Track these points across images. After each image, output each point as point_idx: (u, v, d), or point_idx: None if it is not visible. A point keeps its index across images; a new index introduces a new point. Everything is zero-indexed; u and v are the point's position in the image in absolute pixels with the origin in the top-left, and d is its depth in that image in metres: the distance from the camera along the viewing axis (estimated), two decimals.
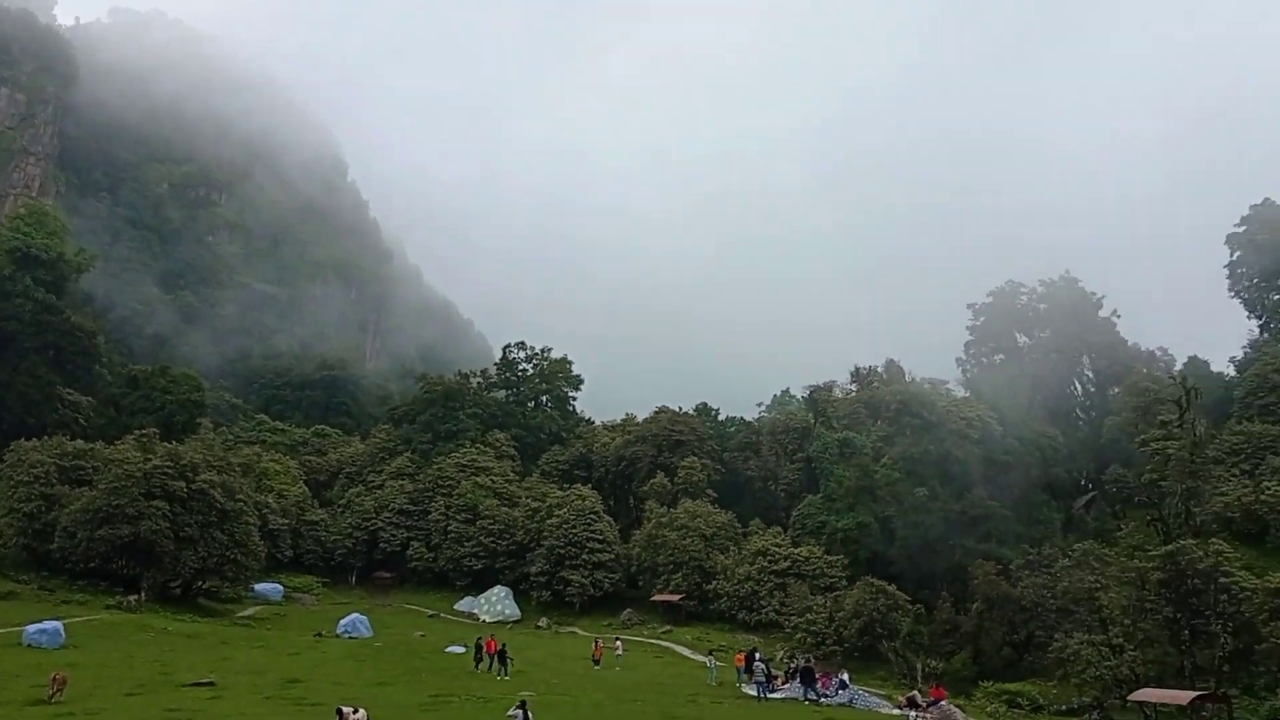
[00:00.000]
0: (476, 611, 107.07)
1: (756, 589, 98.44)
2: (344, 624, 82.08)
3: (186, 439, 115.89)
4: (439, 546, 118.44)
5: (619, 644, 72.54)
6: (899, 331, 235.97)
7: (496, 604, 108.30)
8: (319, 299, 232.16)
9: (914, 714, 50.49)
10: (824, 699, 55.20)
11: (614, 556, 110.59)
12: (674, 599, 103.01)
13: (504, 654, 58.29)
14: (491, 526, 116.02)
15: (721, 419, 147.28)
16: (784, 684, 58.26)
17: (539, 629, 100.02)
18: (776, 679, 58.30)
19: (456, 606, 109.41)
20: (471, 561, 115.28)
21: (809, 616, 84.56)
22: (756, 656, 58.89)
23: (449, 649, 71.70)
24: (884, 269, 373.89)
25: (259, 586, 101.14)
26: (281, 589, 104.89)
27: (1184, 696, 55.98)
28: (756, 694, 53.57)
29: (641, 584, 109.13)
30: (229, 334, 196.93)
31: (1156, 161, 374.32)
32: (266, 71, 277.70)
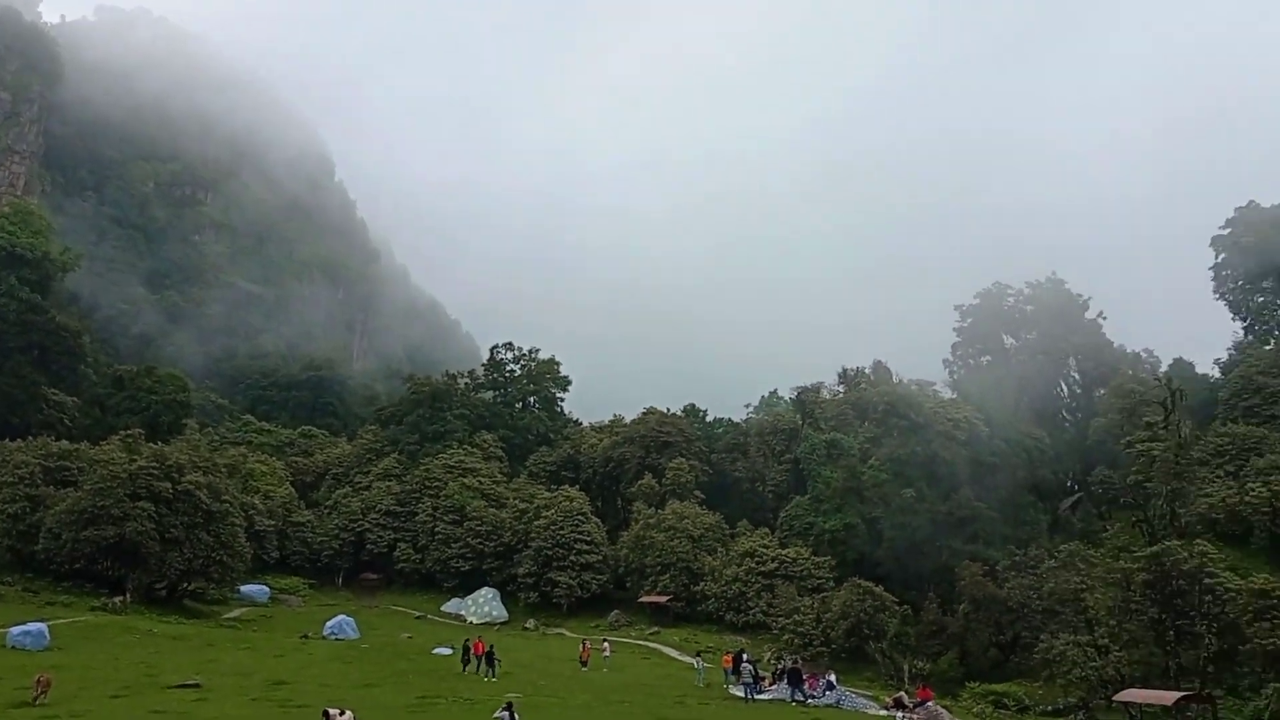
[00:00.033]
0: (464, 613, 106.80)
1: (744, 590, 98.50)
2: (330, 625, 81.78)
3: (172, 439, 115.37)
4: (426, 548, 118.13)
5: (606, 645, 72.49)
6: (897, 332, 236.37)
7: (484, 605, 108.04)
8: (305, 299, 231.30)
9: (900, 715, 50.62)
10: (811, 700, 55.29)
11: (601, 558, 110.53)
12: (661, 600, 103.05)
13: (491, 655, 58.37)
14: (479, 528, 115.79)
15: (709, 420, 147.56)
16: (771, 685, 58.33)
17: (526, 630, 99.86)
18: (764, 680, 58.34)
19: (444, 608, 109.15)
20: (459, 563, 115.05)
21: (796, 618, 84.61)
22: (744, 658, 58.98)
23: (436, 650, 71.61)
24: (881, 269, 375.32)
25: (245, 588, 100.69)
26: (268, 590, 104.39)
27: (1169, 697, 56.42)
28: (744, 695, 53.62)
29: (629, 585, 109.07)
30: (215, 334, 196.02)
31: (1147, 163, 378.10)
32: (252, 69, 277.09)
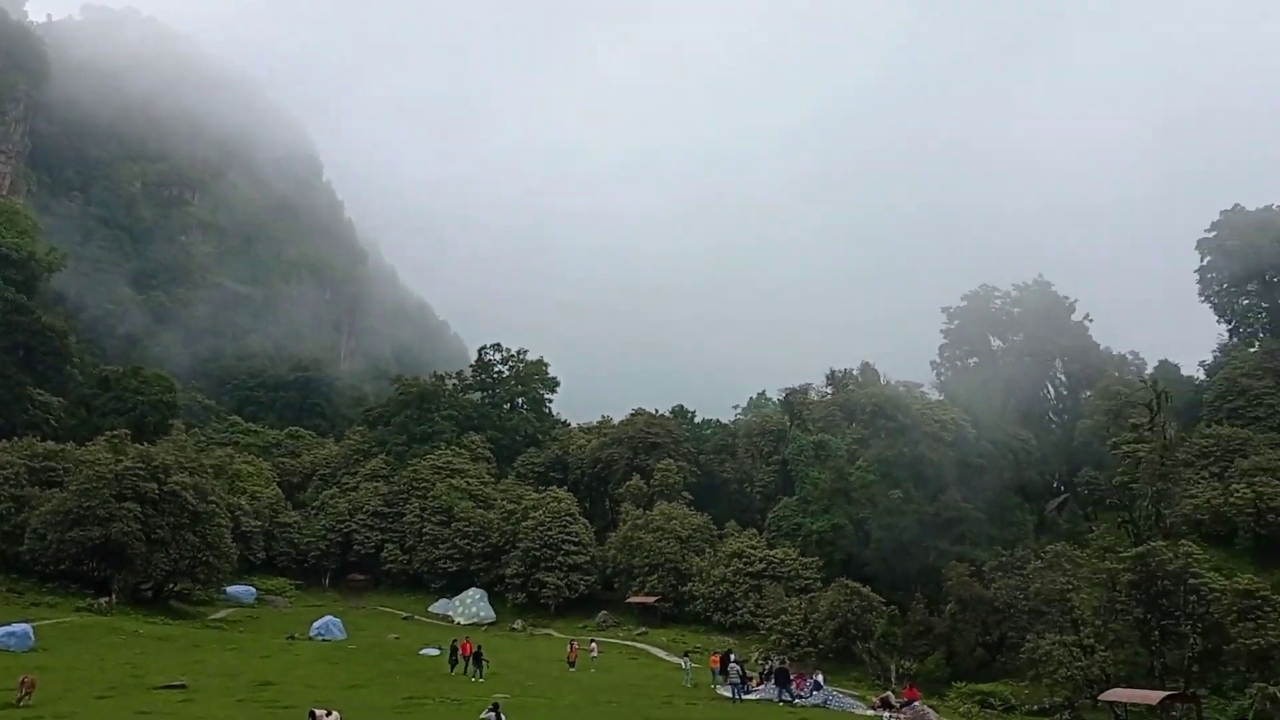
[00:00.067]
0: (451, 614, 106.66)
1: (732, 591, 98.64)
2: (317, 626, 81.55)
3: (158, 440, 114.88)
4: (414, 549, 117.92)
5: (594, 646, 72.50)
6: (886, 333, 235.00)
7: (471, 606, 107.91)
8: (293, 299, 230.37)
9: (888, 715, 50.82)
10: (798, 700, 55.33)
11: (589, 559, 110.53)
12: (649, 601, 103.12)
13: (479, 656, 58.36)
14: (467, 529, 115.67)
15: (698, 421, 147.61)
16: (759, 685, 58.35)
17: (514, 631, 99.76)
18: (751, 680, 58.40)
19: (431, 609, 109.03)
20: (446, 564, 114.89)
21: (784, 618, 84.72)
22: (731, 658, 59.05)
23: (423, 651, 71.49)
24: (871, 271, 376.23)
25: (231, 589, 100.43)
26: (254, 591, 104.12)
27: (1154, 696, 56.78)
28: (731, 695, 53.67)
29: (617, 586, 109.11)
30: (202, 334, 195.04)
31: (1136, 166, 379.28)
32: (241, 70, 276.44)
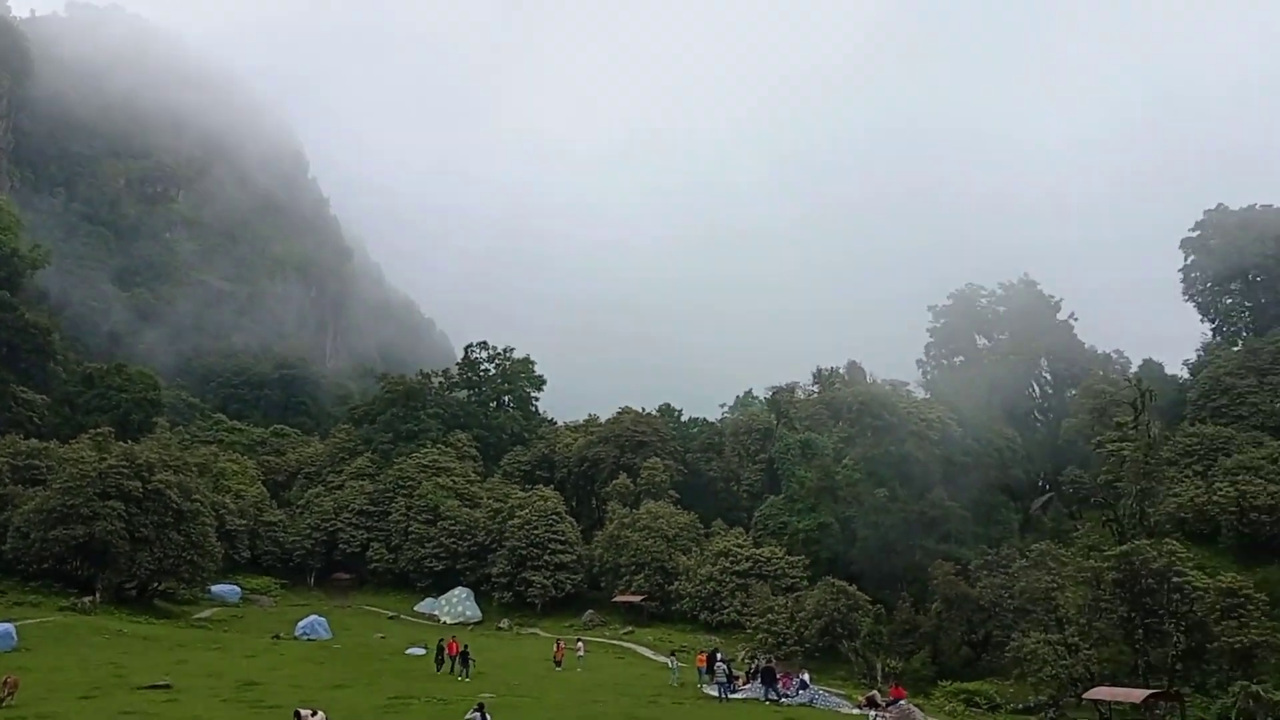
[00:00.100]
0: (437, 613, 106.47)
1: (718, 589, 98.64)
2: (302, 626, 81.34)
3: (142, 438, 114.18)
4: (399, 548, 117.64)
5: (580, 645, 72.36)
6: (880, 321, 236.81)
7: (457, 605, 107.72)
8: (278, 296, 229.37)
9: (874, 713, 50.89)
10: (785, 699, 55.46)
11: (576, 558, 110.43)
12: (636, 600, 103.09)
13: (466, 655, 58.27)
14: (453, 527, 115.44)
15: (684, 420, 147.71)
16: (745, 684, 58.44)
17: (500, 630, 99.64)
18: (738, 679, 58.45)
19: (417, 608, 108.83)
20: (432, 563, 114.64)
21: (770, 617, 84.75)
22: (718, 657, 59.18)
23: (409, 651, 71.39)
24: (856, 261, 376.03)
25: (216, 588, 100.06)
26: (239, 590, 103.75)
27: (1138, 694, 57.09)
28: (718, 694, 53.76)
29: (603, 585, 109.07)
30: (186, 332, 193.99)
31: (1120, 160, 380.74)
32: (226, 67, 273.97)
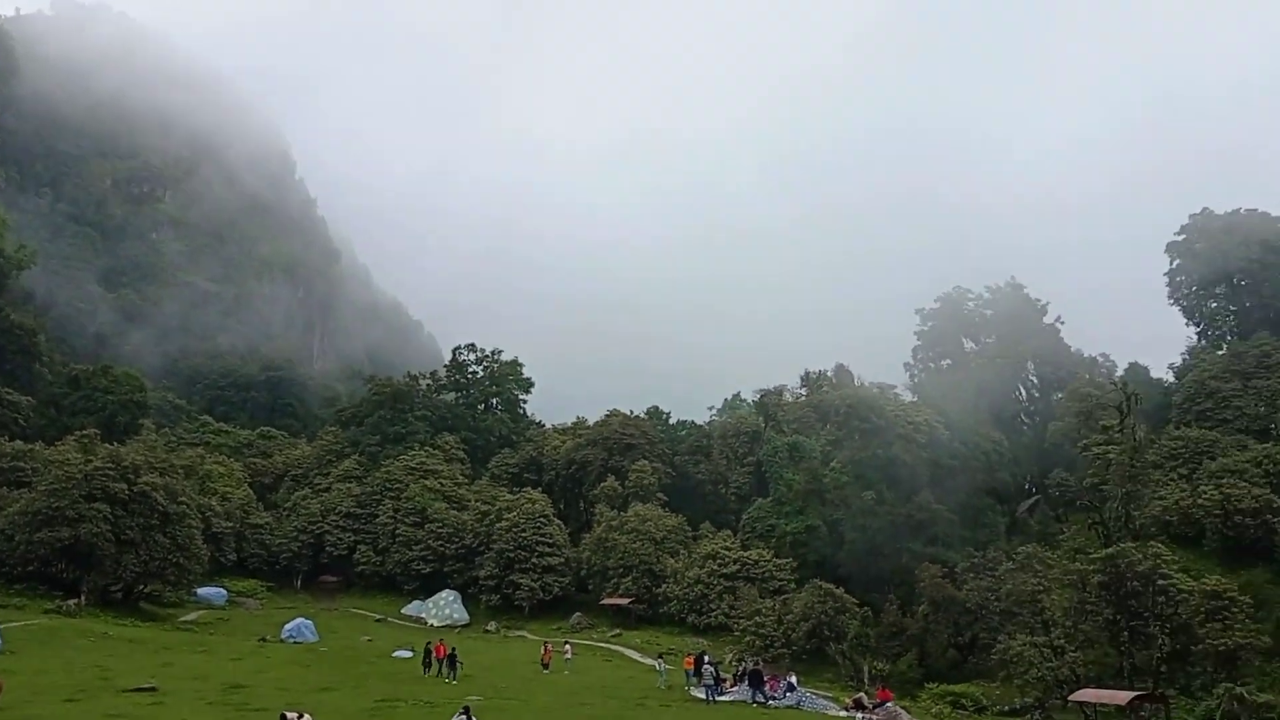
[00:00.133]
0: (425, 616, 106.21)
1: (706, 592, 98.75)
2: (289, 628, 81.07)
3: (128, 440, 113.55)
4: (387, 550, 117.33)
5: (568, 648, 72.38)
6: (870, 322, 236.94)
7: (445, 608, 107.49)
8: (265, 298, 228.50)
9: (861, 715, 51.21)
10: (772, 701, 55.51)
11: (564, 560, 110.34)
12: (624, 602, 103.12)
13: (453, 658, 58.23)
14: (440, 530, 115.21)
15: (672, 422, 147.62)
16: (732, 686, 58.53)
17: (488, 633, 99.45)
18: (725, 682, 58.55)
19: (404, 611, 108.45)
20: (420, 565, 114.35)
21: (758, 619, 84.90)
22: (705, 659, 59.16)
23: (396, 653, 71.18)
24: (847, 262, 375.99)
25: (202, 590, 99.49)
26: (225, 593, 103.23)
27: (1123, 697, 57.36)
28: (705, 697, 53.76)
29: (591, 587, 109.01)
30: (172, 333, 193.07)
31: (1108, 163, 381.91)
32: (214, 66, 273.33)
